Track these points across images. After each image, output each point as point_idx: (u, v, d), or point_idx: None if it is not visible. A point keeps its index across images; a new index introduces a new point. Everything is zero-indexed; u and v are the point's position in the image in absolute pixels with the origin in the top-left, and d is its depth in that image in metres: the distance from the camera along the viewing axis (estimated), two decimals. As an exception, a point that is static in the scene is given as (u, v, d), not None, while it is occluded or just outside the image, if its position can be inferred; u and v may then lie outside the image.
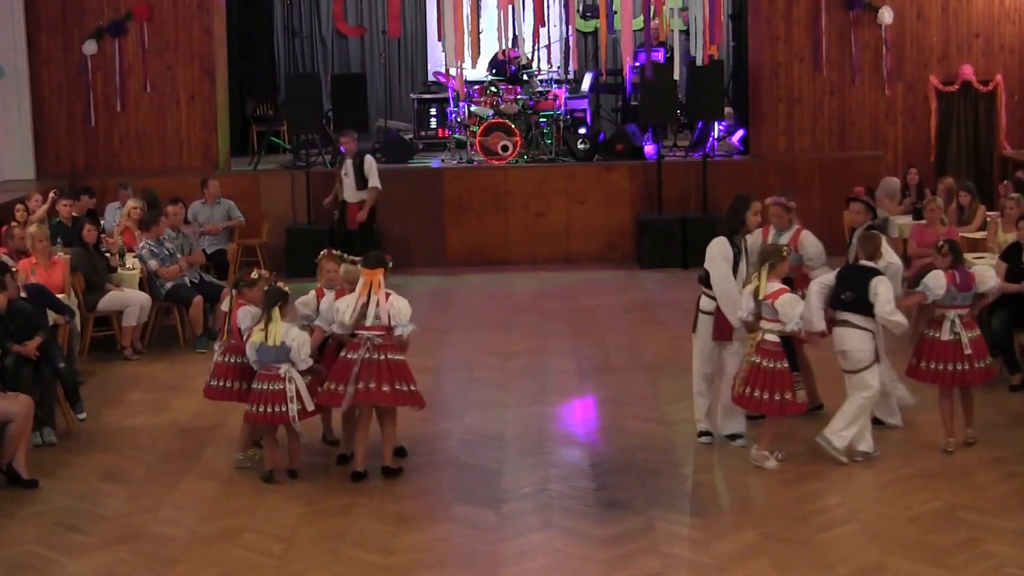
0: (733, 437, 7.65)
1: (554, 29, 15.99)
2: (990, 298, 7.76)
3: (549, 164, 14.30)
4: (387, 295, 7.21)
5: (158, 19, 14.10)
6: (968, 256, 9.86)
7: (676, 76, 13.46)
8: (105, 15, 14.08)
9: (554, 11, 15.72)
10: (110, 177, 13.65)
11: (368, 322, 7.13)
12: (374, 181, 12.26)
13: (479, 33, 14.22)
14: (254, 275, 7.54)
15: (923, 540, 6.28)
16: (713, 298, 7.60)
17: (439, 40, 13.76)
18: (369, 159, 12.32)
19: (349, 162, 12.26)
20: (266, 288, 7.35)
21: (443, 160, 14.68)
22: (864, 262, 7.44)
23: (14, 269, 8.94)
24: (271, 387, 7.11)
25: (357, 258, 7.59)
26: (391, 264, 7.39)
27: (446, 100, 15.36)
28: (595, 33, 16.95)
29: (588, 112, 15.36)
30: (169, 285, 10.43)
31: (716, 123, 14.56)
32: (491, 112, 14.37)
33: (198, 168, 14.07)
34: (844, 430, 7.25)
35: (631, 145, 14.38)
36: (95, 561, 6.28)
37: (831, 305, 7.43)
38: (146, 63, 14.14)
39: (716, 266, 7.57)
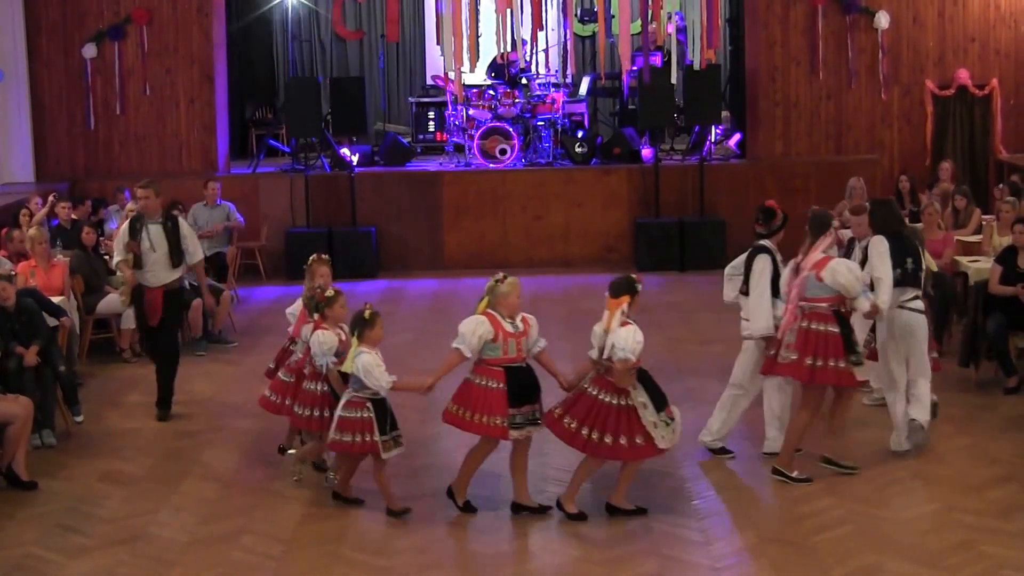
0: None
1: (552, 33, 16.03)
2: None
3: (547, 167, 14.34)
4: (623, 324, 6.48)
5: (157, 23, 14.14)
6: (963, 259, 9.94)
7: (673, 80, 13.50)
8: (105, 19, 14.12)
9: (552, 15, 15.76)
10: (110, 180, 13.68)
11: (597, 353, 6.53)
12: (196, 252, 8.69)
13: (477, 37, 14.27)
14: (330, 292, 7.04)
15: (919, 542, 6.31)
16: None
17: (437, 44, 13.79)
18: (184, 223, 8.78)
19: (154, 227, 8.49)
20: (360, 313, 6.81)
21: (441, 163, 14.71)
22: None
23: (13, 272, 8.99)
24: (357, 414, 6.65)
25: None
26: (640, 287, 6.64)
27: (444, 104, 15.41)
28: (593, 37, 16.99)
29: (586, 116, 15.40)
30: (168, 288, 10.43)
31: (713, 127, 14.61)
32: (490, 116, 14.41)
33: (197, 171, 14.11)
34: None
35: (629, 149, 14.42)
36: (94, 563, 6.30)
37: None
38: (146, 67, 14.18)
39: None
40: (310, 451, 7.36)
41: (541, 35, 14.99)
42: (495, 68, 15.25)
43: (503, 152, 14.21)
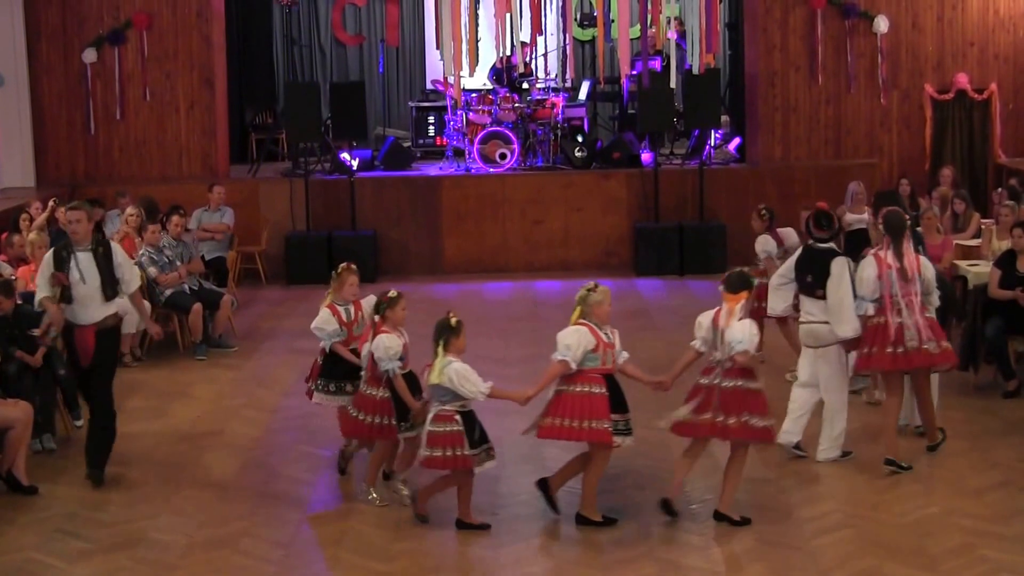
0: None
1: (551, 38, 16.06)
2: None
3: (547, 172, 14.35)
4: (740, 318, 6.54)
5: (157, 28, 14.16)
6: (963, 263, 9.95)
7: (673, 84, 13.53)
8: (105, 24, 14.13)
9: (551, 20, 15.79)
10: (110, 185, 13.70)
11: (719, 351, 6.54)
12: (133, 280, 7.59)
13: (477, 41, 14.29)
14: (392, 293, 6.92)
15: (918, 545, 6.32)
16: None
17: (437, 48, 13.82)
18: (118, 248, 7.62)
19: (83, 255, 7.34)
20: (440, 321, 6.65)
21: (441, 168, 14.73)
22: None
23: (14, 277, 9.00)
24: (446, 428, 6.46)
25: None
26: (755, 282, 6.78)
27: (444, 108, 15.43)
28: (592, 42, 17.02)
29: (585, 120, 15.43)
30: (168, 292, 10.47)
31: (713, 131, 14.62)
32: (489, 120, 14.43)
33: (197, 176, 14.12)
34: None
35: (628, 153, 14.44)
36: (94, 567, 6.31)
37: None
38: (146, 71, 14.19)
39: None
40: (373, 467, 7.08)
41: (540, 39, 15.03)
42: (495, 72, 15.28)
43: (503, 156, 14.23)
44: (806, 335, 7.55)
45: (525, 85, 14.96)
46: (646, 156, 14.46)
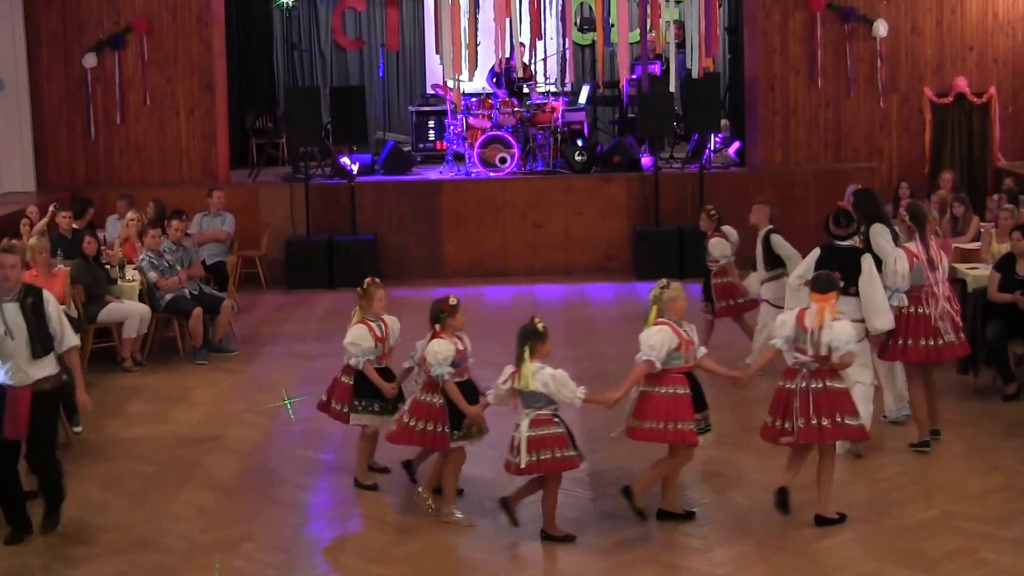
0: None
1: (551, 42, 16.08)
2: None
3: (547, 176, 14.37)
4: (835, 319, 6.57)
5: (158, 32, 14.18)
6: (962, 267, 9.96)
7: (672, 89, 13.55)
8: (105, 28, 14.16)
9: (551, 24, 15.81)
10: (110, 190, 13.71)
11: (811, 350, 6.52)
12: (68, 336, 6.76)
13: (476, 46, 14.31)
14: (452, 300, 6.80)
15: (918, 548, 6.32)
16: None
17: (437, 53, 13.84)
18: (50, 298, 6.76)
19: (10, 307, 6.56)
20: (521, 325, 6.58)
21: (441, 172, 14.75)
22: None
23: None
24: (550, 431, 6.37)
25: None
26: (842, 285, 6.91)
27: (444, 112, 15.45)
28: (592, 46, 17.05)
29: (585, 124, 15.44)
30: (169, 297, 10.48)
31: (712, 135, 14.64)
32: (489, 125, 14.45)
33: (198, 180, 14.14)
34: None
35: (628, 157, 14.46)
36: (95, 572, 6.31)
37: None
38: (146, 76, 14.21)
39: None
40: (433, 476, 6.98)
41: (540, 44, 15.05)
42: (494, 75, 15.29)
43: (503, 161, 14.25)
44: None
45: (525, 89, 14.97)
46: (646, 160, 14.48)
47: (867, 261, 7.52)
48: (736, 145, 15.11)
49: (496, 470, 6.93)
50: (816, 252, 7.74)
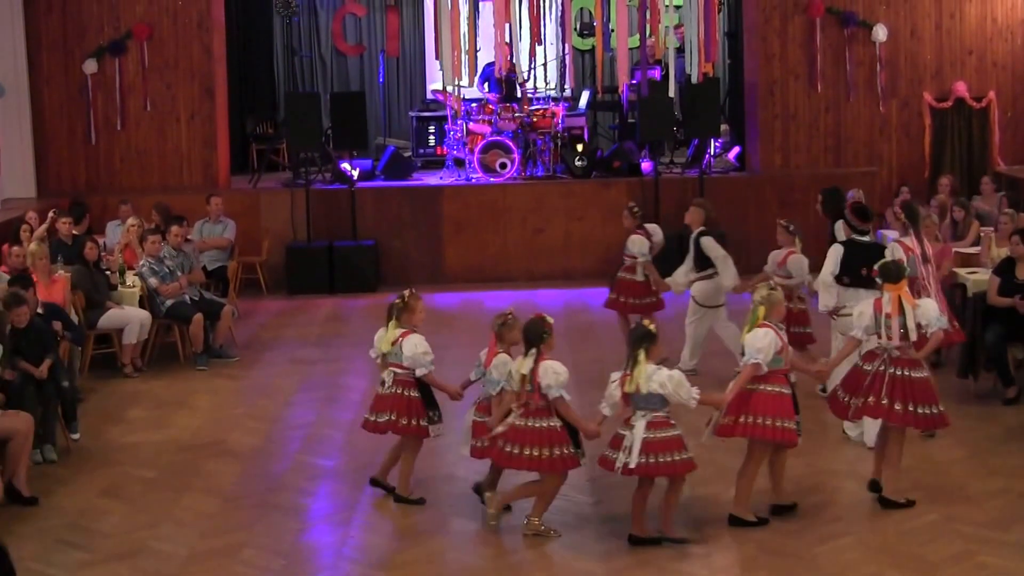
0: None
1: (551, 47, 16.09)
2: None
3: (547, 181, 14.37)
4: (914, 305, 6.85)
5: (158, 38, 14.20)
6: (962, 271, 9.97)
7: (671, 93, 13.56)
8: (105, 34, 14.17)
9: (551, 29, 15.82)
10: (111, 195, 13.73)
11: (885, 334, 6.78)
12: None
13: (476, 51, 14.32)
14: (549, 320, 6.67)
15: (918, 552, 6.32)
16: None
17: (437, 59, 13.85)
18: None
19: None
20: (633, 327, 6.65)
21: (441, 177, 14.76)
22: None
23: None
24: (668, 433, 6.37)
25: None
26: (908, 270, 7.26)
27: (445, 118, 15.46)
28: (592, 51, 17.06)
29: (586, 129, 15.45)
30: (169, 303, 10.48)
31: (712, 140, 14.65)
32: (490, 130, 14.46)
33: (198, 186, 14.15)
34: None
35: (628, 162, 14.46)
36: (96, 577, 6.33)
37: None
38: (146, 82, 14.23)
39: None
40: (519, 494, 6.79)
41: (539, 49, 15.05)
42: (490, 80, 15.29)
43: (503, 166, 14.25)
44: (850, 326, 7.58)
45: (518, 93, 14.94)
46: (646, 165, 14.48)
47: (891, 251, 7.85)
48: (736, 150, 15.12)
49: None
50: (839, 248, 8.06)
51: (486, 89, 15.23)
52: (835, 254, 8.05)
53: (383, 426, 7.07)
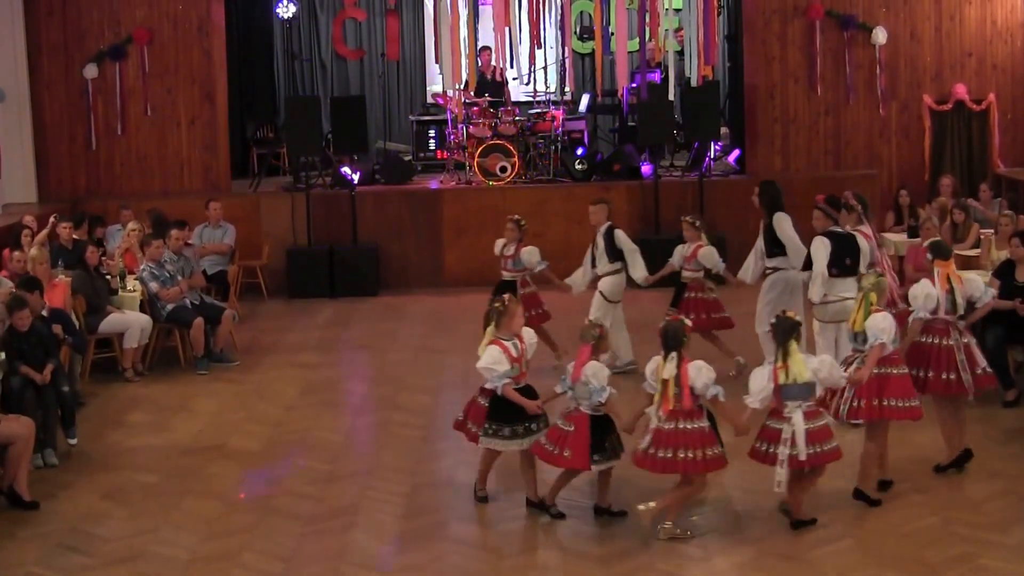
0: None
1: (550, 51, 16.11)
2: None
3: (547, 184, 14.39)
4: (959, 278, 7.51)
5: (158, 43, 14.23)
6: (962, 273, 9.96)
7: (671, 97, 13.58)
8: (105, 39, 14.21)
9: (551, 33, 15.85)
10: (111, 200, 13.75)
11: (946, 308, 7.34)
12: None
13: (476, 55, 14.34)
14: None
15: (918, 555, 6.32)
16: None
17: (436, 62, 13.87)
18: None
19: None
20: (775, 320, 6.66)
21: (441, 181, 14.77)
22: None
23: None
24: (823, 422, 6.53)
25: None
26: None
27: (445, 122, 15.48)
28: (591, 55, 17.08)
29: (585, 133, 15.46)
30: (170, 307, 10.50)
31: (712, 143, 14.66)
32: (490, 134, 14.47)
33: (199, 191, 14.17)
34: None
35: (628, 165, 14.47)
36: (96, 581, 6.33)
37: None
38: (147, 86, 14.25)
39: None
40: (679, 500, 6.66)
41: (539, 52, 15.07)
42: (481, 83, 15.31)
43: (503, 169, 14.27)
44: (839, 312, 8.18)
45: (507, 100, 14.93)
46: (646, 168, 14.49)
47: (863, 242, 8.37)
48: (736, 153, 15.13)
49: (496, 480, 6.91)
50: (826, 241, 8.38)
51: (472, 93, 15.25)
52: (824, 247, 8.33)
53: (473, 435, 7.05)
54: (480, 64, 14.80)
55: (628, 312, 10.21)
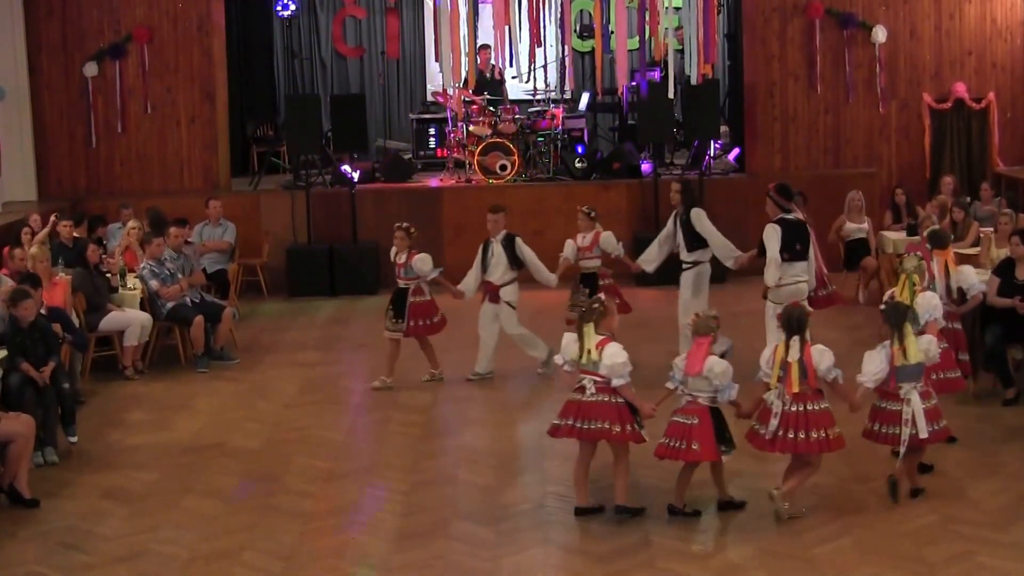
0: None
1: (550, 49, 16.11)
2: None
3: (547, 183, 14.38)
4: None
5: (158, 41, 14.22)
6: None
7: (671, 95, 13.57)
8: (105, 38, 14.21)
9: (551, 31, 15.84)
10: (111, 199, 13.75)
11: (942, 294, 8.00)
12: None
13: (476, 54, 14.33)
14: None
15: (917, 553, 6.33)
16: None
17: (436, 61, 13.86)
18: None
19: None
20: (888, 305, 6.98)
21: (441, 180, 14.77)
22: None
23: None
24: (935, 401, 6.93)
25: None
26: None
27: (445, 120, 15.48)
28: (591, 53, 17.07)
29: (585, 131, 15.46)
30: (170, 305, 10.50)
31: (712, 141, 14.66)
32: (490, 132, 14.47)
33: (199, 189, 14.17)
34: None
35: (628, 163, 14.47)
36: (97, 580, 6.33)
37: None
38: (147, 85, 14.26)
39: None
40: (801, 481, 6.80)
41: (539, 51, 15.06)
42: (480, 81, 15.30)
43: (503, 168, 14.27)
44: (793, 294, 8.68)
45: (506, 96, 14.92)
46: (646, 167, 14.49)
47: (808, 228, 9.01)
48: (736, 151, 15.13)
49: (495, 479, 6.90)
50: (777, 228, 8.84)
51: (470, 92, 15.25)
52: (776, 233, 8.81)
53: (594, 434, 6.79)
54: (479, 62, 14.81)
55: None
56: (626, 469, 6.87)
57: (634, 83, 14.77)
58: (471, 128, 14.56)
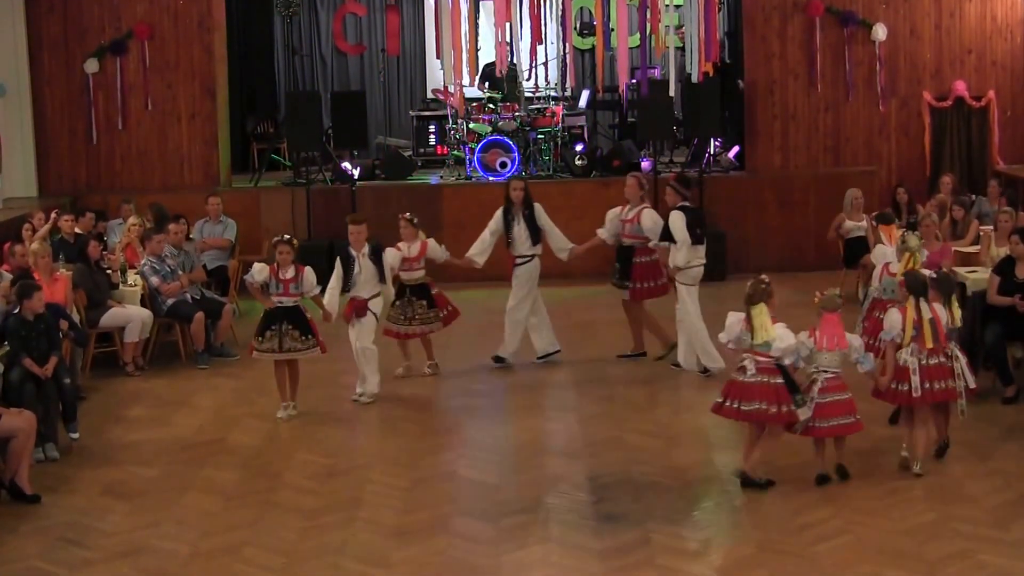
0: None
1: (551, 46, 16.11)
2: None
3: (547, 180, 14.39)
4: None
5: (159, 38, 14.22)
6: (962, 270, 9.98)
7: (671, 93, 13.58)
8: (106, 34, 14.20)
9: (551, 28, 15.85)
10: (112, 195, 13.75)
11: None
12: None
13: (477, 50, 14.33)
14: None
15: (917, 551, 6.34)
16: None
17: (438, 58, 13.86)
18: None
19: None
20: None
21: (442, 177, 14.78)
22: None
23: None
24: (940, 361, 7.28)
25: None
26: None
27: (445, 117, 15.48)
28: (592, 50, 17.08)
29: (586, 128, 15.46)
30: (171, 301, 10.51)
31: (712, 139, 14.66)
32: (490, 129, 14.47)
33: (199, 186, 14.17)
34: None
35: (628, 161, 14.47)
36: None
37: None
38: (147, 81, 14.25)
39: None
40: (929, 440, 7.45)
41: (540, 48, 15.07)
42: (489, 78, 15.30)
43: (503, 165, 14.27)
44: (698, 275, 9.62)
45: (517, 92, 14.90)
46: (646, 164, 14.50)
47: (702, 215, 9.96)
48: (736, 149, 15.13)
49: (495, 475, 6.90)
50: (680, 215, 9.52)
51: (487, 87, 15.25)
52: (681, 220, 9.50)
53: (752, 415, 7.13)
54: (496, 58, 14.70)
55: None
56: (771, 444, 7.21)
57: (634, 81, 14.77)
58: (471, 125, 14.56)
